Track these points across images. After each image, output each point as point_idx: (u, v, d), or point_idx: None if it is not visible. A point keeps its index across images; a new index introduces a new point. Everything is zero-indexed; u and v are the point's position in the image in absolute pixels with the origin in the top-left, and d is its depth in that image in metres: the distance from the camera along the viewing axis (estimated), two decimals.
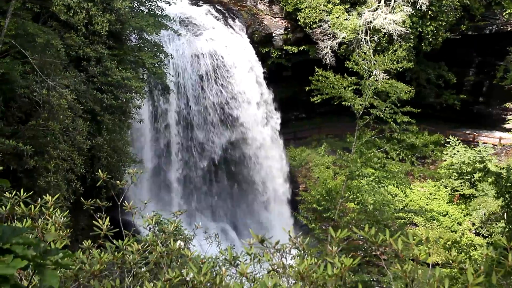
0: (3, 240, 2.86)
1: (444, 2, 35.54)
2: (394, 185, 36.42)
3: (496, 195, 26.93)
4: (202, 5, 37.45)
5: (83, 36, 21.36)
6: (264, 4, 39.80)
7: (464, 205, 38.64)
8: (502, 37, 41.45)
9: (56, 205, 6.16)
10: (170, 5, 28.68)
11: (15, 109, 17.83)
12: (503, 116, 45.79)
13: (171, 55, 29.15)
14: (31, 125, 17.22)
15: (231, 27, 36.39)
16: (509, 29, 41.09)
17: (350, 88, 21.97)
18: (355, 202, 22.64)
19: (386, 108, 21.52)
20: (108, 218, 6.11)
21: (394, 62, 23.19)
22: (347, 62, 23.84)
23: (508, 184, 25.06)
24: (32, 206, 5.74)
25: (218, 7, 38.03)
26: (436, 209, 38.09)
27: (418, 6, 34.32)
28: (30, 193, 6.17)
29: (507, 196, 25.21)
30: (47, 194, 6.25)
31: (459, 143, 42.01)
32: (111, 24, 21.79)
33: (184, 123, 33.38)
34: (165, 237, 6.49)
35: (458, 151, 41.12)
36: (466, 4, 37.36)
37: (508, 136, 43.91)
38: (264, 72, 36.26)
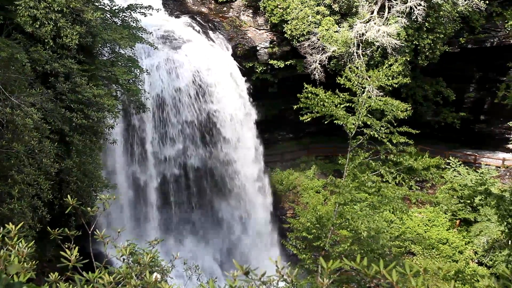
0: None
1: (441, 13, 35.71)
2: (389, 211, 36.50)
3: (498, 219, 27.03)
4: (180, 17, 37.60)
5: (51, 49, 21.26)
6: (248, 15, 39.91)
7: (466, 231, 38.62)
8: (504, 51, 41.81)
9: (20, 234, 6.10)
10: (145, 16, 28.72)
11: None
12: (506, 135, 46.03)
13: (147, 70, 29.13)
14: None
15: (212, 40, 36.52)
16: (511, 41, 41.29)
17: (342, 106, 21.89)
18: (348, 229, 22.58)
19: (382, 128, 21.48)
20: (77, 249, 6.06)
21: (389, 78, 23.15)
22: (339, 77, 23.82)
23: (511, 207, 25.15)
24: None
25: (198, 19, 38.17)
26: (435, 236, 38.15)
27: (414, 17, 34.51)
28: None
29: (510, 220, 25.30)
30: (10, 223, 6.19)
31: (460, 164, 42.13)
32: (81, 37, 21.75)
33: None
34: (140, 269, 6.45)
35: (459, 173, 41.20)
36: (466, 15, 37.60)
37: None
38: (248, 88, 36.68)
